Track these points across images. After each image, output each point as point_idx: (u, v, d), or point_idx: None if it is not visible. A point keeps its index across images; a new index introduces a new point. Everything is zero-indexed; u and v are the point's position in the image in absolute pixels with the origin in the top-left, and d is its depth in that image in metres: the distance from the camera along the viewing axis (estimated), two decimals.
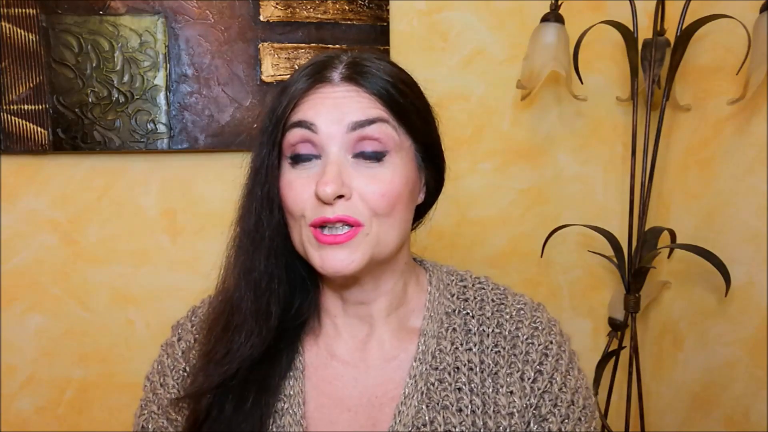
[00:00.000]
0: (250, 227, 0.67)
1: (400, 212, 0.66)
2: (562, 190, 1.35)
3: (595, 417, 0.71)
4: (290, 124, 0.64)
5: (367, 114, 0.63)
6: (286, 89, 0.66)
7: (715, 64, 1.24)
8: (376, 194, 0.63)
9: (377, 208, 0.63)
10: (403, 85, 0.66)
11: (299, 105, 0.65)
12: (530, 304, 0.74)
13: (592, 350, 1.36)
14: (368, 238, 0.64)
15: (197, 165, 1.20)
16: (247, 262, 0.67)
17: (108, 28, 1.11)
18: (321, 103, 0.64)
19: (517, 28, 1.27)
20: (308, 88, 0.65)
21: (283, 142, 0.65)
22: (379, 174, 0.64)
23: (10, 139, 1.11)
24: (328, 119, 0.63)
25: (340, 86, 0.64)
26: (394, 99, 0.65)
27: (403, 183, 0.65)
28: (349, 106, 0.63)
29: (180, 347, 0.75)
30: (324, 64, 0.66)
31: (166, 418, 0.72)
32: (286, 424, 0.67)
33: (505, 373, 0.69)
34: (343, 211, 0.62)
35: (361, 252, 0.63)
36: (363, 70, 0.65)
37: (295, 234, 0.67)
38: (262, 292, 0.67)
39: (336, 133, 0.63)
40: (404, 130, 0.66)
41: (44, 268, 1.17)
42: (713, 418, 1.29)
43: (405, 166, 0.66)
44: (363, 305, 0.71)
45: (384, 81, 0.65)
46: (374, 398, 0.69)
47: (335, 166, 0.62)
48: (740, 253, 1.21)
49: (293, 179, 0.65)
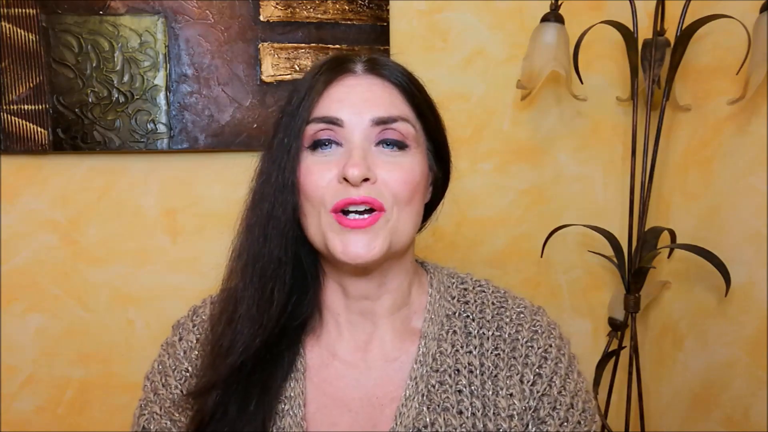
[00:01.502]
0: (263, 214, 0.67)
1: (417, 202, 0.68)
2: (562, 190, 1.35)
3: (595, 420, 0.72)
4: (315, 118, 0.66)
5: (390, 111, 0.65)
6: (305, 83, 0.67)
7: (715, 64, 1.24)
8: (398, 181, 0.65)
9: (399, 195, 0.65)
10: (417, 82, 0.70)
11: (323, 96, 0.66)
12: (530, 307, 0.75)
13: (592, 350, 1.36)
14: (389, 225, 0.65)
15: (197, 165, 1.20)
16: (256, 250, 0.68)
17: (108, 28, 1.11)
18: (346, 96, 0.66)
19: (517, 28, 1.27)
20: (331, 79, 0.66)
21: (305, 132, 0.66)
22: (401, 162, 0.66)
23: (10, 139, 1.11)
24: (353, 112, 0.65)
25: (363, 77, 0.67)
26: (413, 92, 0.68)
27: (421, 175, 0.68)
28: (374, 100, 0.65)
29: (181, 347, 0.75)
30: (343, 59, 0.69)
31: (169, 419, 0.72)
32: (287, 425, 0.67)
33: (504, 376, 0.69)
34: (368, 192, 0.63)
35: (381, 239, 0.64)
36: (384, 64, 0.68)
37: (312, 221, 0.66)
38: (267, 279, 0.67)
39: (360, 125, 0.65)
40: (421, 125, 0.69)
41: (44, 268, 1.17)
42: (713, 418, 1.29)
43: (421, 160, 0.68)
44: (367, 301, 0.71)
45: (402, 75, 0.68)
46: (375, 399, 0.69)
47: (361, 150, 0.64)
48: (740, 253, 1.21)
49: (311, 165, 0.66)
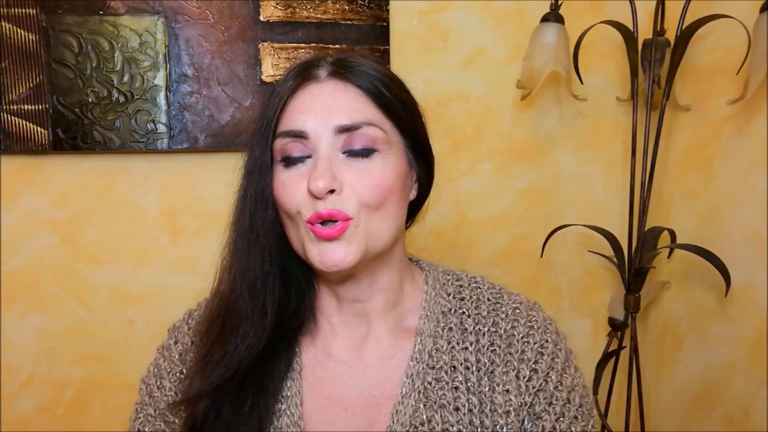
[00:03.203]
0: (244, 228, 0.68)
1: (392, 205, 0.66)
2: (562, 190, 1.35)
3: (592, 415, 0.72)
4: (280, 132, 0.66)
5: (354, 118, 0.64)
6: (275, 91, 0.67)
7: (715, 64, 1.24)
8: (366, 187, 0.64)
9: (367, 201, 0.64)
10: (388, 80, 0.68)
11: (288, 106, 0.66)
12: (526, 303, 0.74)
13: (592, 350, 1.36)
14: (359, 230, 0.64)
15: (197, 165, 1.20)
16: (243, 263, 0.68)
17: (108, 28, 1.12)
18: (309, 106, 0.65)
19: (517, 28, 1.27)
20: (296, 87, 0.66)
21: (274, 145, 0.66)
22: (369, 168, 0.65)
23: (10, 139, 1.11)
24: (317, 121, 0.64)
25: (326, 83, 0.66)
26: (381, 93, 0.66)
27: (394, 177, 0.66)
28: (337, 107, 0.64)
29: (177, 350, 0.75)
30: (310, 63, 0.68)
31: (163, 421, 0.72)
32: (284, 425, 0.68)
33: (501, 372, 0.69)
34: (333, 204, 0.63)
35: (356, 245, 0.64)
36: (349, 66, 0.66)
37: (292, 233, 0.67)
38: (257, 292, 0.68)
39: (325, 134, 0.64)
40: (392, 125, 0.67)
41: (44, 268, 1.17)
42: (713, 418, 1.29)
43: (396, 161, 0.67)
44: (359, 303, 0.72)
45: (370, 76, 0.66)
46: (371, 398, 0.69)
47: (326, 161, 0.63)
48: (740, 253, 1.21)
49: (286, 179, 0.66)
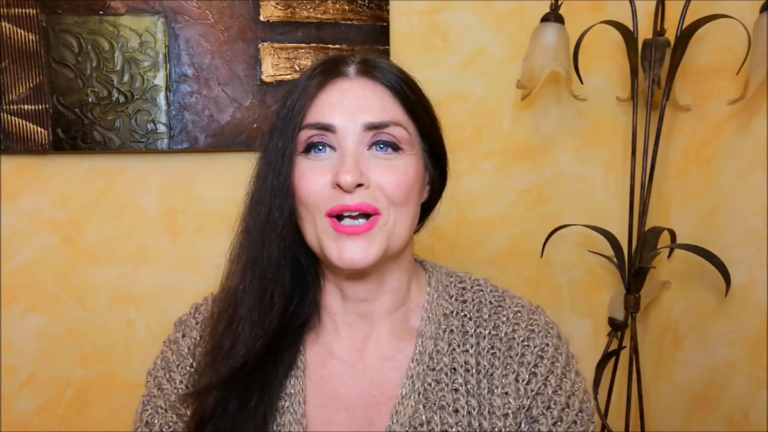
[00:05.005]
0: (261, 217, 0.67)
1: (412, 203, 0.67)
2: (562, 190, 1.35)
3: (593, 421, 0.71)
4: (307, 124, 0.66)
5: (383, 117, 0.65)
6: (299, 86, 0.67)
7: (715, 64, 1.24)
8: (392, 183, 0.65)
9: (394, 197, 0.65)
10: (411, 83, 0.69)
11: (315, 101, 0.66)
12: (528, 306, 0.74)
13: (592, 350, 1.36)
14: (386, 228, 0.65)
15: (197, 165, 1.20)
16: (255, 253, 0.68)
17: (108, 28, 1.11)
18: (338, 102, 0.65)
19: (517, 28, 1.27)
20: (324, 81, 0.66)
21: (299, 137, 0.66)
22: (394, 164, 0.66)
23: (10, 139, 1.11)
24: (345, 117, 0.65)
25: (356, 81, 0.67)
26: (407, 96, 0.68)
27: (415, 175, 0.67)
28: (367, 105, 0.65)
29: (185, 343, 0.75)
30: (337, 61, 0.68)
31: (175, 413, 0.72)
32: (287, 422, 0.68)
33: (500, 375, 0.69)
34: (362, 198, 0.63)
35: (378, 243, 0.64)
36: (378, 66, 0.68)
37: (308, 226, 0.67)
38: (267, 282, 0.67)
39: (353, 129, 0.65)
40: (414, 127, 0.69)
41: (44, 268, 1.17)
42: (713, 418, 1.29)
43: (416, 161, 0.68)
44: (364, 302, 0.71)
45: (396, 76, 0.68)
46: (372, 398, 0.69)
47: (353, 156, 0.64)
48: (740, 253, 1.21)
49: (306, 169, 0.66)
